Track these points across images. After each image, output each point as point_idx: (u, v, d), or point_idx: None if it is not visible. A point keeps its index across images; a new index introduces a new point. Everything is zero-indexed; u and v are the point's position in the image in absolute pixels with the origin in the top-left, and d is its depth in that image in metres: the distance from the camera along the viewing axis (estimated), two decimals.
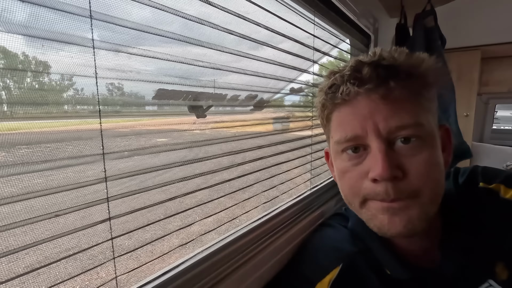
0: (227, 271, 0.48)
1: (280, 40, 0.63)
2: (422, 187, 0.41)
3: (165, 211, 0.50)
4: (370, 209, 0.44)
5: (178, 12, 0.40)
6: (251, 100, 0.64)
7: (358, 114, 0.42)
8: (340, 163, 0.47)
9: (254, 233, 0.55)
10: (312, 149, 0.81)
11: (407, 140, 0.41)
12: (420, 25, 1.13)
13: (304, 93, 0.80)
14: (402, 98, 0.41)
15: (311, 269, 0.51)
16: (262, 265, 0.54)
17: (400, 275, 0.47)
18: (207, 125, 0.53)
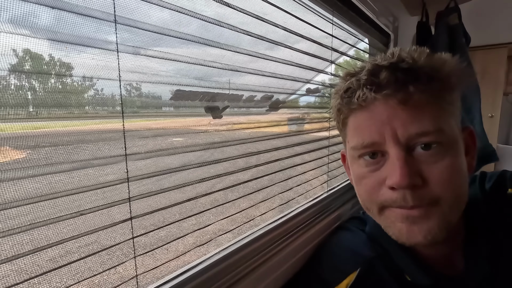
0: (243, 272, 0.48)
1: (297, 40, 0.63)
2: (443, 195, 0.39)
3: (180, 209, 0.51)
4: (388, 217, 0.43)
5: (196, 14, 0.41)
6: (267, 101, 0.64)
7: (376, 119, 0.40)
8: (357, 169, 0.45)
9: (271, 235, 0.55)
10: (329, 150, 0.80)
11: (428, 146, 0.39)
12: (443, 23, 1.09)
13: (321, 94, 0.79)
14: (422, 103, 0.39)
15: (329, 272, 0.50)
16: (278, 267, 0.54)
17: (421, 281, 0.45)
18: (223, 125, 0.53)
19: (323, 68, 0.74)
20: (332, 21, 0.75)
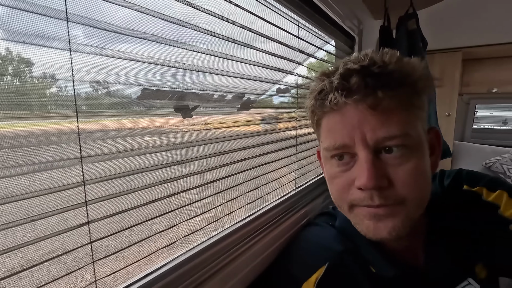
0: (213, 270, 0.48)
1: (265, 41, 0.64)
2: (408, 195, 0.42)
3: (152, 211, 0.50)
4: (357, 215, 0.45)
5: (158, 14, 0.40)
6: (237, 101, 0.64)
7: (347, 123, 0.42)
8: (329, 168, 0.48)
9: (241, 232, 0.56)
10: (297, 149, 0.82)
11: (394, 149, 0.42)
12: (403, 27, 1.16)
13: (289, 94, 0.81)
14: (390, 108, 0.41)
15: (298, 268, 0.51)
16: (248, 264, 0.54)
17: (386, 272, 0.48)
18: (193, 125, 0.53)
19: (291, 69, 0.76)
20: (299, 23, 0.77)
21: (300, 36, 0.77)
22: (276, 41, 0.66)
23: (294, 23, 0.74)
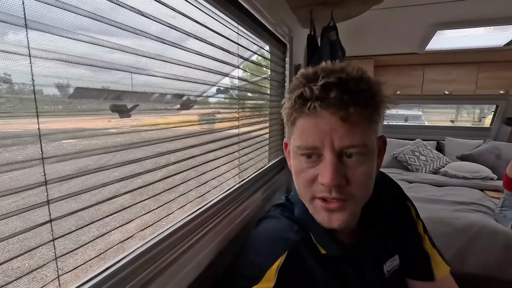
0: (165, 263, 0.51)
1: (205, 45, 0.68)
2: (358, 192, 0.52)
3: (77, 222, 0.45)
4: (316, 206, 0.54)
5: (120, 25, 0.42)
6: (178, 100, 0.66)
7: (320, 129, 0.49)
8: (297, 163, 0.55)
9: (189, 226, 0.59)
10: (239, 146, 0.88)
11: (353, 155, 0.51)
12: (326, 37, 1.33)
13: (230, 95, 0.87)
14: (357, 122, 0.49)
15: (260, 257, 0.55)
16: (197, 255, 0.59)
17: (334, 252, 0.58)
18: (132, 125, 0.53)
19: (230, 70, 0.82)
20: (238, 30, 0.83)
21: (239, 42, 0.83)
22: (218, 47, 0.71)
23: (233, 31, 0.81)
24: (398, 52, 2.95)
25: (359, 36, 2.65)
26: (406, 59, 3.14)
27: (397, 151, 3.23)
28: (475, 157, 2.99)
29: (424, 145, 3.24)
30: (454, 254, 1.88)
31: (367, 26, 2.43)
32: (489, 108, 3.54)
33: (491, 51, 2.78)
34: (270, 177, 1.11)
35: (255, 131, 1.02)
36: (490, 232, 1.86)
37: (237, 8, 0.80)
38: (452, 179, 2.79)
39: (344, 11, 1.33)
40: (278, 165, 1.26)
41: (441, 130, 3.68)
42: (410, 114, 4.25)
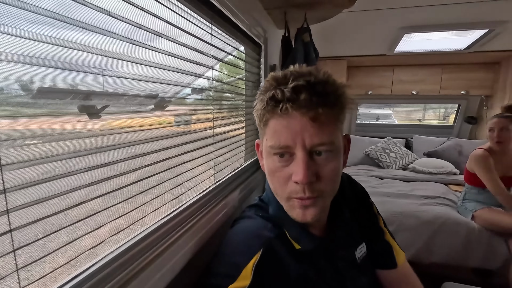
0: (139, 266, 0.50)
1: (178, 46, 0.67)
2: (327, 188, 0.56)
3: (44, 228, 0.43)
4: (291, 204, 0.57)
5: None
6: (151, 100, 0.65)
7: (291, 128, 0.52)
8: (271, 163, 0.57)
9: (165, 228, 0.59)
10: (214, 147, 0.88)
11: (323, 153, 0.54)
12: (300, 39, 1.36)
13: (205, 96, 0.86)
14: (325, 121, 0.52)
15: (236, 256, 0.56)
16: (174, 256, 0.58)
17: (308, 246, 0.61)
18: (104, 125, 0.51)
19: (204, 71, 0.82)
20: (212, 31, 0.83)
21: (213, 43, 0.83)
22: (192, 48, 0.71)
23: (207, 32, 0.80)
24: (369, 53, 3.07)
25: (332, 38, 2.72)
26: (377, 60, 3.27)
27: (369, 149, 3.37)
28: (440, 153, 3.19)
29: (394, 142, 3.40)
30: (422, 245, 2.00)
31: (340, 28, 2.51)
32: (452, 107, 3.77)
33: (453, 54, 2.97)
34: (246, 177, 1.11)
35: (231, 131, 1.02)
36: (453, 223, 1.99)
37: (210, 8, 0.80)
38: (419, 174, 2.96)
39: (317, 13, 1.37)
40: (254, 165, 1.27)
41: (409, 128, 3.88)
42: (381, 113, 4.43)
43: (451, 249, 1.96)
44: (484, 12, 2.13)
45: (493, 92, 3.20)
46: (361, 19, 2.31)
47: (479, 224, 1.96)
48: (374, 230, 0.78)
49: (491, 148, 2.01)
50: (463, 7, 2.05)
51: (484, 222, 1.95)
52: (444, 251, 1.97)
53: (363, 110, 4.23)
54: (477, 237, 1.92)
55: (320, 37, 2.45)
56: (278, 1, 1.27)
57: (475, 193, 2.09)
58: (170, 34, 0.63)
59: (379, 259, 0.77)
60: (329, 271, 0.63)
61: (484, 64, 3.18)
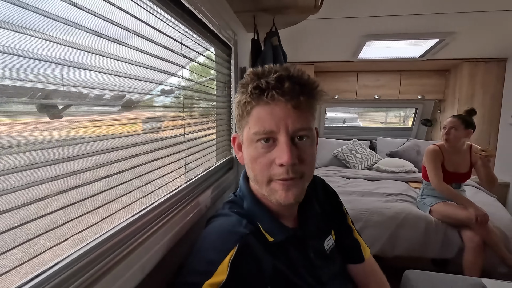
0: (107, 266, 0.48)
1: (147, 43, 0.66)
2: (307, 171, 0.60)
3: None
4: (273, 187, 0.60)
5: None
6: (118, 100, 0.63)
7: (275, 115, 0.56)
8: (253, 150, 0.60)
9: (134, 226, 0.57)
10: (185, 145, 0.88)
11: (303, 138, 0.59)
12: (269, 42, 1.40)
13: (176, 96, 0.86)
14: (305, 109, 0.58)
15: (212, 253, 0.56)
16: (146, 254, 0.57)
17: (279, 237, 0.64)
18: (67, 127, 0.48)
19: (175, 70, 0.82)
20: (181, 29, 0.83)
21: (182, 41, 0.83)
22: (160, 44, 0.70)
23: (177, 30, 0.80)
24: (335, 59, 3.23)
25: (300, 43, 2.82)
26: (342, 66, 3.44)
27: (337, 151, 3.51)
28: (401, 153, 3.41)
29: (359, 144, 3.58)
30: (387, 240, 2.12)
31: (307, 34, 2.61)
32: (410, 111, 4.07)
33: (410, 61, 3.21)
34: (218, 177, 1.12)
35: (202, 130, 1.02)
36: (413, 218, 2.14)
37: (180, 7, 0.80)
38: (383, 173, 3.14)
39: (285, 18, 1.42)
40: (226, 164, 1.28)
41: (373, 131, 4.10)
42: (348, 117, 4.63)
43: (412, 242, 2.09)
44: (435, 24, 2.34)
45: (445, 96, 3.50)
46: (327, 27, 2.43)
47: (436, 218, 2.12)
48: (343, 228, 0.83)
49: (444, 146, 2.19)
50: (417, 18, 2.24)
51: (440, 215, 2.11)
52: (406, 244, 2.10)
53: (330, 114, 4.40)
54: (434, 230, 2.08)
55: (289, 42, 2.53)
56: (247, 5, 1.30)
57: (431, 188, 2.26)
58: (139, 31, 0.63)
59: (349, 255, 0.83)
60: (301, 261, 0.66)
61: (437, 71, 3.48)
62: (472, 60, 3.05)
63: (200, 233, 0.63)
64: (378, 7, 2.09)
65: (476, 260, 1.89)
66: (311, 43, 2.84)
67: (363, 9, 2.11)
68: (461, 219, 1.99)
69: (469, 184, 2.61)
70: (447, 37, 2.51)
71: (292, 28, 1.69)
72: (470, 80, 3.10)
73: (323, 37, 2.69)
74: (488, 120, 3.10)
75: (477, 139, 2.98)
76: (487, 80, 3.06)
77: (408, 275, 0.96)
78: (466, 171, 2.18)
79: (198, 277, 0.53)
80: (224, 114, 1.25)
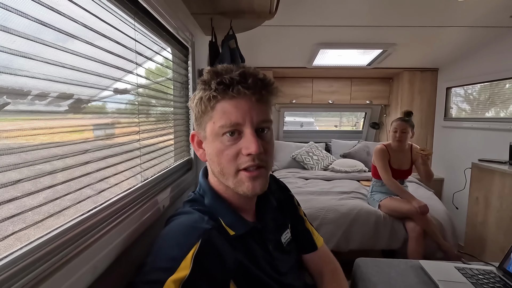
0: (57, 264, 0.45)
1: (97, 37, 0.64)
2: (270, 160, 0.65)
3: None
4: (240, 178, 0.62)
5: None
6: (65, 101, 0.58)
7: (241, 108, 0.59)
8: (219, 144, 0.62)
9: (85, 225, 0.55)
10: (141, 151, 0.85)
11: (265, 130, 0.63)
12: (226, 45, 1.42)
13: (130, 101, 0.83)
14: (265, 102, 0.63)
15: (175, 249, 0.56)
16: (99, 252, 0.55)
17: (241, 231, 0.66)
18: None
19: (130, 69, 0.79)
20: (135, 26, 0.82)
21: (136, 38, 0.82)
22: (113, 40, 0.69)
23: (130, 26, 0.79)
24: (292, 65, 3.37)
25: (259, 48, 2.90)
26: (299, 72, 3.60)
27: (295, 153, 3.65)
28: (353, 154, 3.67)
29: (316, 146, 3.76)
30: (342, 235, 2.25)
31: (265, 40, 2.69)
32: (361, 115, 4.39)
33: (359, 69, 3.48)
34: (177, 177, 1.10)
35: (158, 136, 1.00)
36: (365, 213, 2.30)
37: (134, 4, 0.79)
38: (337, 173, 3.33)
39: (242, 22, 1.46)
40: (185, 165, 1.26)
41: (328, 134, 4.34)
42: (305, 121, 4.84)
43: (364, 235, 2.25)
44: (380, 35, 2.58)
45: (389, 101, 3.85)
46: (283, 33, 2.54)
47: (384, 212, 2.31)
48: (296, 219, 0.88)
49: (390, 145, 2.41)
50: (364, 30, 2.45)
51: (387, 209, 2.31)
52: (359, 238, 2.25)
53: (289, 118, 4.55)
54: (383, 223, 2.26)
55: (247, 46, 2.58)
56: (204, 8, 1.31)
57: (379, 185, 2.46)
58: (90, 25, 0.61)
59: (303, 244, 0.87)
60: (261, 253, 0.69)
61: (382, 79, 3.82)
62: (411, 69, 3.41)
63: (159, 232, 0.62)
64: (330, 18, 2.24)
65: (418, 248, 2.09)
66: (269, 49, 2.94)
67: (316, 18, 2.25)
68: (405, 212, 2.19)
69: (411, 181, 2.88)
70: (389, 48, 2.78)
71: (250, 33, 1.74)
72: (409, 87, 3.45)
73: (280, 43, 2.80)
74: (425, 123, 3.48)
75: (417, 140, 3.33)
76: (423, 87, 3.44)
77: (359, 263, 1.04)
78: (408, 168, 2.42)
79: (160, 274, 0.52)
80: (182, 114, 1.24)
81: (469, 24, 2.33)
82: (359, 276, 0.99)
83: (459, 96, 3.21)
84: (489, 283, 0.87)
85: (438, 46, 2.81)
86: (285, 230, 0.81)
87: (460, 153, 3.02)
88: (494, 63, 2.63)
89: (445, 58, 3.10)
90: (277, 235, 0.78)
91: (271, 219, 0.77)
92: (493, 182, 2.16)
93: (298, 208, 0.91)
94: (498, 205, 2.11)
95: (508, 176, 2.03)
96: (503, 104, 2.67)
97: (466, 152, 2.92)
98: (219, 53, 1.44)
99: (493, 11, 2.12)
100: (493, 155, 2.42)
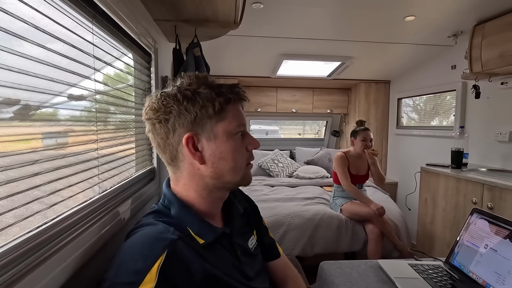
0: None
1: (49, 39, 0.60)
2: None
3: None
4: (246, 172, 0.72)
5: None
6: (10, 107, 0.53)
7: (242, 112, 0.70)
8: (232, 142, 0.67)
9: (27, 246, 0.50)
10: (99, 161, 0.80)
11: None
12: (191, 53, 1.41)
13: (87, 108, 0.78)
14: None
15: (138, 262, 0.53)
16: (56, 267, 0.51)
17: (209, 238, 0.66)
18: None
19: (87, 74, 0.75)
20: (93, 30, 0.78)
21: (94, 43, 0.78)
22: (69, 43, 0.65)
23: (88, 30, 0.75)
24: (257, 75, 3.44)
25: (224, 57, 2.92)
26: (263, 82, 3.68)
27: (261, 160, 3.69)
28: (316, 161, 3.80)
29: (281, 154, 3.84)
30: (307, 240, 2.30)
31: (230, 49, 2.72)
32: (322, 123, 4.58)
33: (320, 80, 3.65)
34: (138, 188, 1.05)
35: (118, 145, 0.95)
36: (328, 217, 2.39)
37: (92, 7, 0.75)
38: (302, 180, 3.43)
39: (206, 31, 1.46)
40: (147, 175, 1.21)
41: (292, 141, 4.47)
42: (270, 129, 4.92)
43: (327, 239, 2.33)
44: (338, 49, 2.74)
45: (348, 111, 4.08)
46: (248, 43, 2.59)
47: (346, 216, 2.42)
48: (260, 228, 0.91)
49: (349, 152, 2.55)
50: (324, 42, 2.59)
51: (348, 213, 2.42)
52: (323, 242, 2.33)
53: (254, 127, 4.60)
54: (345, 227, 2.36)
55: (212, 55, 2.59)
56: (167, 14, 1.30)
57: (340, 190, 2.58)
58: (43, 27, 0.57)
59: (268, 252, 0.90)
60: (230, 259, 0.69)
61: (341, 89, 4.05)
62: (366, 81, 3.66)
63: (120, 245, 0.59)
64: (292, 30, 2.34)
65: (376, 249, 2.22)
66: (234, 58, 2.97)
67: (280, 30, 2.33)
68: (364, 215, 2.32)
69: (369, 185, 3.06)
70: (347, 61, 2.97)
71: (215, 41, 1.75)
72: (365, 97, 3.70)
73: (245, 53, 2.85)
74: (381, 130, 3.74)
75: (373, 147, 3.55)
76: (377, 98, 3.71)
77: (323, 266, 1.08)
78: (365, 173, 2.57)
79: None
80: (144, 122, 1.19)
81: (416, 41, 2.58)
82: (324, 279, 1.02)
83: (409, 106, 3.51)
84: (437, 276, 0.94)
85: (390, 60, 3.07)
86: (251, 236, 0.83)
87: (411, 158, 3.29)
88: (437, 77, 2.93)
89: (396, 71, 3.38)
90: (244, 241, 0.79)
91: (238, 223, 0.79)
92: (439, 184, 2.38)
93: (261, 218, 0.94)
94: (444, 205, 2.32)
95: (451, 178, 2.25)
96: (445, 114, 2.98)
97: (416, 157, 3.19)
98: (183, 60, 1.43)
99: (435, 31, 2.38)
100: (438, 160, 2.67)
